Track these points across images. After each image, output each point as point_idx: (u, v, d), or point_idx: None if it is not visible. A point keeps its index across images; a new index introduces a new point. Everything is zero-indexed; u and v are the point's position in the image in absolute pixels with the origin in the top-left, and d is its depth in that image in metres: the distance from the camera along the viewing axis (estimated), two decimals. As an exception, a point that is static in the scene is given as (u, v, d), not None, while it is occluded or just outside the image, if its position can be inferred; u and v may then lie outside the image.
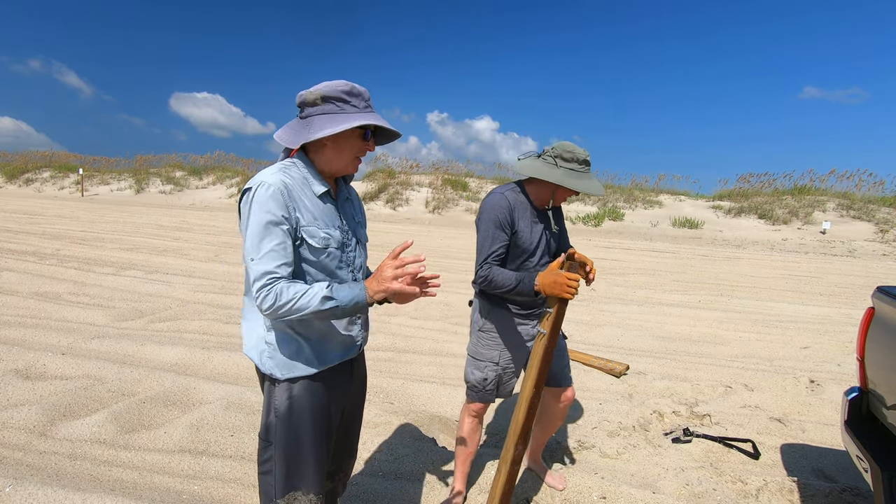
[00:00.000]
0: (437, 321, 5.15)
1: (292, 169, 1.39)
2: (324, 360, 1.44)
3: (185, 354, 3.81)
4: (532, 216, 2.04)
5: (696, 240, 15.03)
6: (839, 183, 19.08)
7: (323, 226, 1.39)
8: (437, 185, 21.14)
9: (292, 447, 1.42)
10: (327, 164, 1.42)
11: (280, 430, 1.41)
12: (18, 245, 8.51)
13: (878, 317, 2.05)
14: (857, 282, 8.76)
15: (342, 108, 1.35)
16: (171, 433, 2.70)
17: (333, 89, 1.34)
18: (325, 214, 1.41)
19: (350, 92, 1.36)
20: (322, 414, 1.45)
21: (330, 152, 1.40)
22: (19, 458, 2.40)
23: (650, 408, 3.31)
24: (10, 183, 26.33)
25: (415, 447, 2.69)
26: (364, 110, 1.37)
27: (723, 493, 2.39)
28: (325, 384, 1.45)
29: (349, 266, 1.48)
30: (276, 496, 1.42)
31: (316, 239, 1.36)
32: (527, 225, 2.01)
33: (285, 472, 1.42)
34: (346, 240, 1.47)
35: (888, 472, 1.76)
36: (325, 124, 1.33)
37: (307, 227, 1.35)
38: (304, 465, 1.43)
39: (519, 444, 1.72)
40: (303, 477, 1.43)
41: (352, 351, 1.53)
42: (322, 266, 1.40)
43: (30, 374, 3.36)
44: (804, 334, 5.28)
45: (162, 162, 27.73)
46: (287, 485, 1.42)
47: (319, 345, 1.44)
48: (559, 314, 1.75)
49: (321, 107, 1.35)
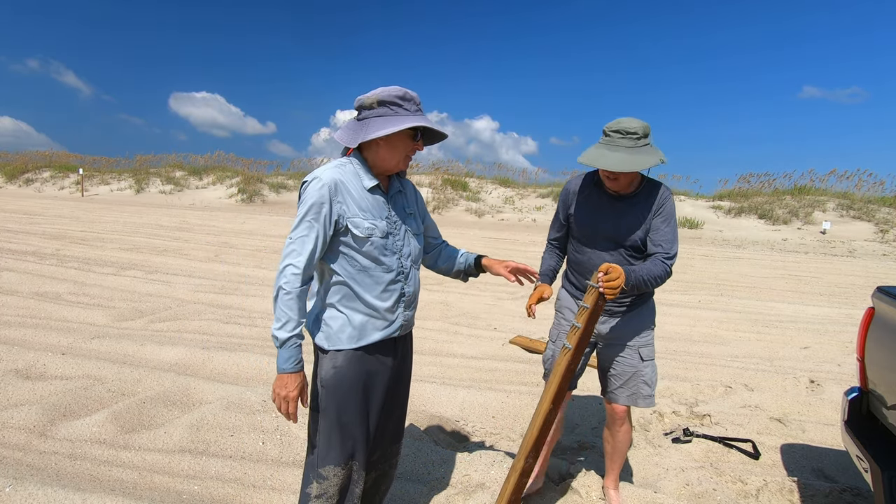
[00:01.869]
0: (437, 321, 5.15)
1: (347, 166, 1.56)
2: (366, 336, 1.58)
3: (185, 354, 3.81)
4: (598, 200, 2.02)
5: (697, 240, 15.03)
6: (839, 183, 19.12)
7: (369, 217, 1.54)
8: (437, 184, 21.15)
9: (335, 417, 1.57)
10: (381, 161, 1.57)
11: (326, 398, 1.57)
12: (18, 245, 8.51)
13: (878, 317, 2.05)
14: (857, 282, 8.76)
15: (396, 111, 1.50)
16: (171, 433, 2.70)
17: (389, 94, 1.49)
18: (373, 206, 1.56)
19: (403, 97, 1.50)
20: (364, 387, 1.60)
21: (383, 151, 1.55)
22: (19, 458, 2.40)
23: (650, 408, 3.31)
24: (10, 183, 26.33)
25: (415, 447, 2.69)
26: (415, 113, 1.52)
27: (723, 493, 2.39)
28: (367, 358, 1.60)
29: (396, 253, 1.61)
30: (318, 465, 1.57)
31: (360, 229, 1.52)
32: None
33: (328, 441, 1.57)
34: (393, 230, 1.61)
35: (888, 472, 1.76)
36: (380, 126, 1.48)
37: (352, 218, 1.51)
38: (346, 437, 1.58)
39: (530, 458, 1.71)
40: (344, 450, 1.58)
41: (394, 330, 1.64)
42: (366, 253, 1.55)
43: (30, 374, 3.36)
44: (804, 334, 5.28)
45: (162, 162, 27.75)
46: (328, 455, 1.57)
47: (363, 322, 1.58)
48: (587, 329, 1.67)
49: (377, 110, 1.50)
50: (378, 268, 1.57)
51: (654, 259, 1.88)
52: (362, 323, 1.58)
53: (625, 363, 2.04)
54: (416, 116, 1.52)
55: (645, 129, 1.81)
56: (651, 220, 1.92)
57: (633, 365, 2.03)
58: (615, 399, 2.08)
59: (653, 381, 2.06)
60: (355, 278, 1.56)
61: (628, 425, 2.14)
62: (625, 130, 1.79)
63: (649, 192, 1.94)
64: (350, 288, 1.56)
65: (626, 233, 1.93)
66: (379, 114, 1.50)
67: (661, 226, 1.91)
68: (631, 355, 2.03)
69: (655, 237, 1.91)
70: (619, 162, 1.75)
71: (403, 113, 1.50)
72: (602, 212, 1.96)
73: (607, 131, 1.83)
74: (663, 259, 1.87)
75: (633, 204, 1.93)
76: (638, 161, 1.76)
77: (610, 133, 1.82)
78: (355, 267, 1.55)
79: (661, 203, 1.92)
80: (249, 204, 21.49)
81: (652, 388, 2.06)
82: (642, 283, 1.81)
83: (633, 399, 2.06)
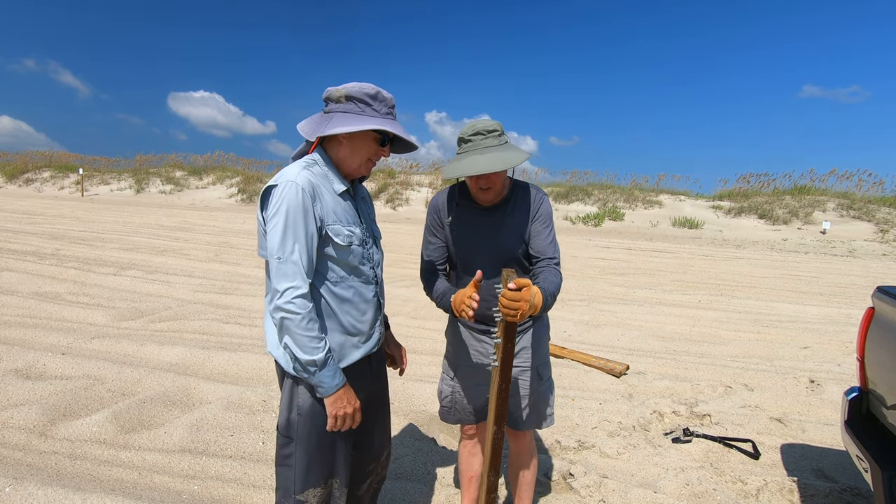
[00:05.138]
0: (437, 321, 5.15)
1: (314, 167, 1.42)
2: (345, 357, 1.47)
3: (185, 354, 3.81)
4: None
5: (697, 240, 15.02)
6: (839, 183, 19.13)
7: (346, 223, 1.43)
8: (437, 184, 21.14)
9: (314, 444, 1.45)
10: (342, 162, 1.45)
11: (302, 426, 1.44)
12: (18, 245, 8.51)
13: (878, 317, 2.05)
14: (857, 282, 8.76)
15: (363, 109, 1.38)
16: (171, 433, 2.70)
17: (359, 90, 1.37)
18: (346, 212, 1.45)
19: (374, 96, 1.38)
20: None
21: (344, 151, 1.43)
22: (19, 458, 2.40)
23: (650, 408, 3.31)
24: (10, 183, 26.33)
25: (415, 447, 2.69)
26: (384, 116, 1.40)
27: (723, 493, 2.39)
28: (347, 381, 1.46)
29: (370, 262, 1.52)
30: (296, 491, 1.45)
31: (341, 237, 1.40)
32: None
33: (306, 468, 1.45)
34: (366, 236, 1.51)
35: (888, 472, 1.75)
36: (342, 122, 1.36)
37: (332, 225, 1.39)
38: (326, 462, 1.47)
39: (491, 475, 1.71)
40: (323, 473, 1.47)
41: (373, 345, 1.56)
42: (345, 263, 1.43)
43: (30, 374, 3.35)
44: (804, 334, 5.28)
45: (162, 162, 27.77)
46: (307, 480, 1.45)
47: (341, 342, 1.46)
48: (507, 343, 1.47)
49: (344, 105, 1.39)
50: (357, 279, 1.46)
51: (548, 269, 1.68)
52: (340, 343, 1.46)
53: (525, 387, 1.84)
54: (383, 119, 1.39)
55: (501, 125, 1.67)
56: (530, 225, 1.72)
57: (534, 388, 1.84)
58: (518, 425, 1.87)
59: (552, 399, 1.91)
60: (334, 292, 1.43)
61: (535, 451, 1.99)
62: (486, 130, 1.62)
63: (522, 195, 1.75)
64: (327, 303, 1.42)
65: (509, 245, 1.71)
66: (345, 109, 1.38)
67: (542, 230, 1.72)
68: (532, 377, 1.84)
69: (538, 244, 1.71)
70: (493, 161, 1.54)
71: (371, 113, 1.38)
72: (478, 227, 1.74)
73: (466, 137, 1.63)
74: (555, 266, 1.70)
75: (508, 212, 1.73)
76: (512, 157, 1.57)
77: (470, 137, 1.63)
78: (333, 280, 1.42)
79: (537, 206, 1.74)
80: (249, 204, 21.49)
81: (552, 406, 1.91)
82: (553, 298, 1.60)
83: (538, 422, 1.89)
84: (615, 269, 9.01)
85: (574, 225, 17.43)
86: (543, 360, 1.88)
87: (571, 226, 17.38)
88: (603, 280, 7.90)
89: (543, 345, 1.88)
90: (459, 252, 1.77)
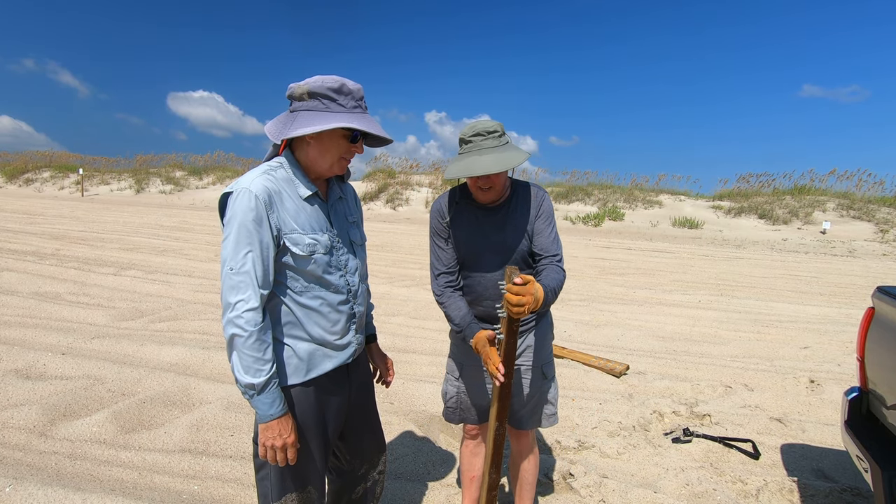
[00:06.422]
0: (436, 321, 5.15)
1: (278, 171, 1.34)
2: (315, 367, 1.41)
3: (185, 354, 3.81)
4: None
5: (697, 240, 15.02)
6: (839, 183, 19.11)
7: (309, 230, 1.34)
8: (437, 184, 21.14)
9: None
10: (311, 163, 1.37)
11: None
12: (18, 245, 8.51)
13: (878, 317, 2.05)
14: (857, 282, 8.76)
15: (328, 106, 1.29)
16: (171, 433, 2.70)
17: (321, 85, 1.28)
18: (311, 218, 1.36)
19: (339, 90, 1.29)
20: (317, 421, 1.43)
21: (313, 151, 1.35)
22: (19, 458, 2.40)
23: (650, 408, 3.31)
24: (10, 183, 26.33)
25: (415, 447, 2.69)
26: (352, 110, 1.31)
27: (723, 493, 2.39)
28: (320, 391, 1.43)
29: (339, 269, 1.43)
30: (273, 499, 1.42)
31: (300, 246, 1.32)
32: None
33: (280, 476, 1.42)
34: (336, 243, 1.42)
35: (888, 472, 1.76)
36: (306, 122, 1.27)
37: (290, 234, 1.31)
38: (299, 473, 1.43)
39: (492, 472, 1.72)
40: (298, 480, 1.43)
41: (347, 357, 1.49)
42: (308, 273, 1.35)
43: (30, 374, 3.36)
44: (804, 334, 5.28)
45: (162, 162, 27.77)
46: (283, 487, 1.42)
47: (310, 351, 1.40)
48: (510, 339, 1.50)
49: (307, 102, 1.29)
50: (323, 289, 1.38)
51: (550, 266, 1.70)
52: (310, 352, 1.39)
53: (528, 385, 1.85)
54: (350, 115, 1.30)
55: (501, 126, 1.67)
56: (533, 223, 1.74)
57: (537, 386, 1.86)
58: (521, 425, 1.89)
59: (556, 398, 1.92)
60: (298, 301, 1.36)
61: (536, 451, 2.00)
62: (486, 131, 1.63)
63: (523, 194, 1.76)
64: (293, 313, 1.36)
65: (513, 244, 1.73)
66: (309, 107, 1.29)
67: (545, 228, 1.74)
68: (535, 376, 1.85)
69: (541, 242, 1.73)
70: (494, 162, 1.56)
71: (336, 109, 1.29)
72: (482, 228, 1.75)
73: (467, 138, 1.64)
74: (557, 263, 1.71)
75: (510, 211, 1.74)
76: (512, 157, 1.59)
77: (471, 138, 1.64)
78: (296, 289, 1.35)
79: (539, 203, 1.75)
80: (249, 204, 21.45)
81: (555, 406, 1.92)
82: (554, 294, 1.62)
83: (541, 421, 1.90)
84: (615, 269, 9.01)
85: (574, 225, 17.43)
86: (547, 358, 1.89)
87: (571, 226, 17.38)
88: (603, 280, 7.90)
89: (547, 344, 1.89)
90: (466, 252, 1.77)
